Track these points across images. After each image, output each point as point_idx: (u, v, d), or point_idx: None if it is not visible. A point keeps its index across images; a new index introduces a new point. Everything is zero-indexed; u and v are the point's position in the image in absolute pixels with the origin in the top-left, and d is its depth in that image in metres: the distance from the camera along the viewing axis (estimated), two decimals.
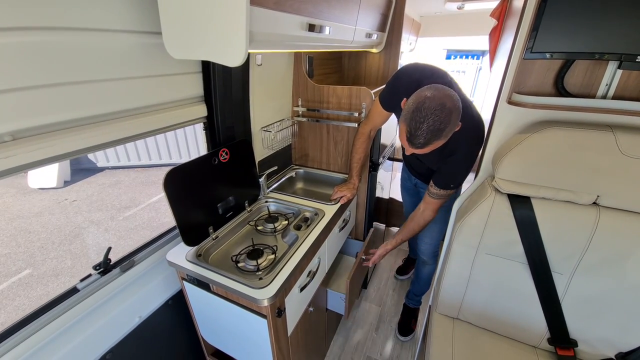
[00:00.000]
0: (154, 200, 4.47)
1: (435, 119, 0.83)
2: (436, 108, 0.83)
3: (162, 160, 5.60)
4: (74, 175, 5.08)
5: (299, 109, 1.64)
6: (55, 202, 4.34)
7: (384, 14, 1.66)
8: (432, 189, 1.17)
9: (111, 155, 5.40)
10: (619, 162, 0.79)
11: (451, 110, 0.84)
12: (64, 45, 0.70)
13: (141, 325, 1.09)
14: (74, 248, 3.43)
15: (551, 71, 0.89)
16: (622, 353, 0.94)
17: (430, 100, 0.84)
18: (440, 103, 0.83)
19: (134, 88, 0.88)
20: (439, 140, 0.87)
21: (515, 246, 0.96)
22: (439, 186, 1.14)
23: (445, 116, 0.83)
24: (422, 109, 0.84)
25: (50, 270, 3.07)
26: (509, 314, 1.06)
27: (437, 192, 1.16)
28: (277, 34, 0.83)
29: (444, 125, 0.84)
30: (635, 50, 0.70)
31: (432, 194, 1.18)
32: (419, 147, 0.89)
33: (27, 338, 0.78)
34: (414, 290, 1.81)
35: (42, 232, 3.66)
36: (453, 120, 0.85)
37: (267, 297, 0.89)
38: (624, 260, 0.85)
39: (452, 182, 1.13)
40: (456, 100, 0.86)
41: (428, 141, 0.86)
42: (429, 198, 1.20)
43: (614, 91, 0.84)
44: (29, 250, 3.35)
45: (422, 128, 0.84)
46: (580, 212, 0.87)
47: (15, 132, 0.67)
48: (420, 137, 0.86)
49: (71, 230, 3.73)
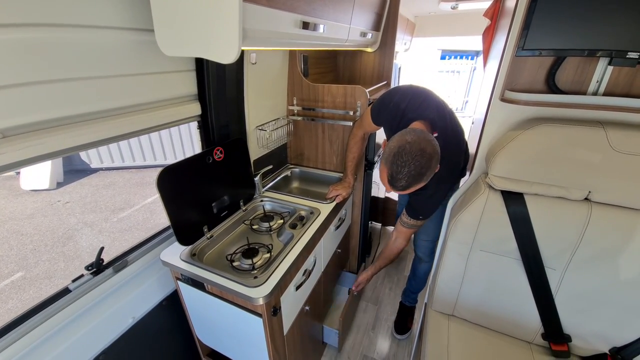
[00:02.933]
0: (148, 202, 4.43)
1: (417, 164, 0.86)
2: (416, 154, 0.86)
3: (157, 161, 5.55)
4: (66, 177, 5.01)
5: (294, 108, 1.64)
6: (48, 204, 4.29)
7: (378, 13, 1.67)
8: (403, 218, 1.24)
9: (105, 156, 5.35)
10: (610, 158, 0.80)
11: (431, 155, 0.87)
12: (55, 42, 0.69)
13: (135, 326, 1.08)
14: (67, 250, 3.38)
15: (543, 68, 0.90)
16: (616, 348, 0.95)
17: (410, 145, 0.87)
18: (420, 149, 0.86)
19: (127, 86, 0.87)
20: (420, 183, 0.90)
21: (509, 242, 0.97)
22: (410, 215, 1.21)
23: (425, 162, 0.86)
24: (403, 154, 0.87)
25: (43, 273, 3.03)
26: (503, 310, 1.06)
27: (408, 221, 1.22)
28: (270, 31, 0.83)
29: (424, 169, 0.87)
30: (625, 47, 0.71)
31: (404, 223, 1.24)
32: (400, 189, 0.92)
33: (18, 339, 0.77)
34: (410, 288, 1.81)
35: (34, 234, 3.61)
36: (433, 166, 0.89)
37: (262, 296, 0.88)
38: (616, 255, 0.86)
39: (422, 214, 1.19)
40: (435, 145, 0.89)
41: (409, 184, 0.89)
42: (400, 227, 1.26)
43: (605, 88, 0.85)
44: (22, 252, 3.30)
45: (403, 172, 0.87)
46: (572, 207, 0.88)
47: (5, 129, 0.66)
48: (402, 180, 0.88)
49: (64, 232, 3.68)
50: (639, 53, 0.70)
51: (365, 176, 1.67)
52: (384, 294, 2.12)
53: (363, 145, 1.46)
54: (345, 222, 1.67)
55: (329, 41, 1.23)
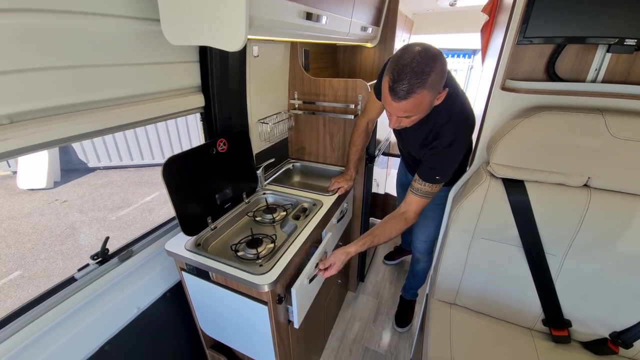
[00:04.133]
0: (147, 200, 4.41)
1: (420, 61, 0.78)
2: (420, 52, 0.80)
3: (155, 159, 5.54)
4: (64, 176, 4.98)
5: (295, 102, 1.65)
6: (46, 203, 4.26)
7: (378, 8, 1.69)
8: (415, 184, 1.08)
9: (102, 155, 5.32)
10: (609, 144, 0.82)
11: (436, 55, 0.80)
12: (62, 28, 0.70)
13: (140, 317, 1.08)
14: (65, 249, 3.37)
15: (543, 57, 0.92)
16: (616, 332, 0.96)
17: (413, 46, 0.82)
18: (424, 47, 0.81)
19: (132, 75, 0.88)
20: (424, 89, 0.81)
21: (510, 230, 0.98)
22: (423, 178, 1.06)
23: (429, 59, 0.79)
24: (405, 55, 0.80)
25: (42, 271, 3.01)
26: (505, 297, 1.08)
27: (421, 186, 1.07)
28: (275, 20, 0.84)
29: (428, 68, 0.79)
30: (623, 34, 0.73)
31: (416, 190, 1.08)
32: (402, 96, 0.82)
33: (24, 326, 0.77)
34: (409, 285, 1.83)
35: (32, 233, 3.59)
36: (438, 68, 0.80)
37: (267, 283, 0.89)
38: (615, 240, 0.88)
39: (438, 173, 1.03)
40: (442, 54, 0.82)
41: (412, 87, 0.80)
42: (411, 196, 1.09)
43: (603, 75, 0.87)
44: (20, 251, 3.28)
45: (405, 72, 0.79)
46: (572, 194, 0.89)
47: (13, 115, 0.67)
48: (404, 81, 0.80)
49: (62, 231, 3.66)
50: (636, 40, 0.72)
51: (366, 170, 1.69)
52: (384, 288, 2.14)
53: (366, 138, 1.47)
54: (346, 215, 1.68)
55: (330, 34, 1.24)
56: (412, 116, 0.91)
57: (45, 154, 4.61)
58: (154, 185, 4.91)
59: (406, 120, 0.94)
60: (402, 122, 0.96)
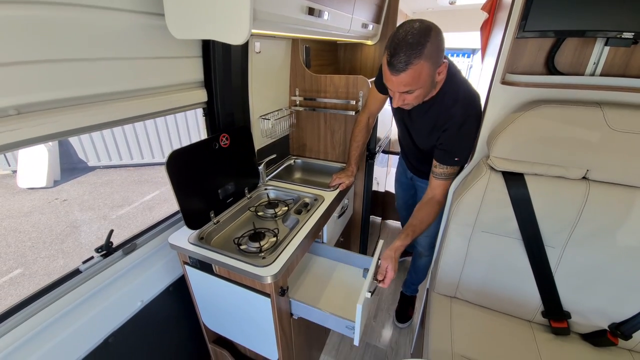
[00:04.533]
0: (147, 199, 4.42)
1: (415, 33, 0.82)
2: (414, 26, 0.84)
3: (155, 159, 5.55)
4: (64, 175, 4.99)
5: (296, 99, 1.66)
6: (46, 202, 4.26)
7: (379, 5, 1.70)
8: (436, 169, 1.12)
9: (102, 154, 5.33)
10: (607, 136, 0.83)
11: (430, 26, 0.84)
12: (69, 21, 0.71)
13: (143, 310, 1.09)
14: (65, 247, 3.37)
15: (542, 51, 0.93)
16: (615, 323, 0.97)
17: (408, 22, 0.86)
18: (419, 21, 0.85)
19: (136, 69, 0.89)
20: (421, 59, 0.83)
21: (510, 222, 0.99)
22: (443, 162, 1.09)
23: (424, 30, 0.82)
24: (401, 30, 0.84)
25: (42, 270, 3.02)
26: (505, 289, 1.09)
27: (443, 170, 1.10)
28: (278, 14, 0.85)
29: (423, 39, 0.82)
30: (620, 27, 0.74)
31: (438, 175, 1.12)
32: (400, 68, 0.85)
33: (31, 317, 0.78)
34: (410, 280, 1.83)
35: (32, 232, 3.59)
36: (434, 38, 0.83)
37: (270, 274, 0.90)
38: (613, 232, 0.89)
39: (456, 154, 1.07)
40: (437, 27, 0.85)
41: (409, 58, 0.83)
42: (435, 181, 1.14)
43: (602, 69, 0.88)
44: (20, 249, 3.28)
45: (401, 45, 0.82)
46: (570, 186, 0.91)
47: (20, 106, 0.67)
48: (400, 54, 0.83)
49: (62, 230, 3.67)
50: (633, 33, 0.73)
51: (367, 167, 1.70)
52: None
53: (367, 134, 1.48)
54: (347, 211, 1.70)
55: (332, 30, 1.25)
56: (413, 90, 0.92)
57: (45, 153, 4.62)
58: (154, 184, 4.92)
59: (409, 96, 0.94)
60: (405, 100, 0.96)
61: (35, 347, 0.80)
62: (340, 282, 1.25)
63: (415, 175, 1.51)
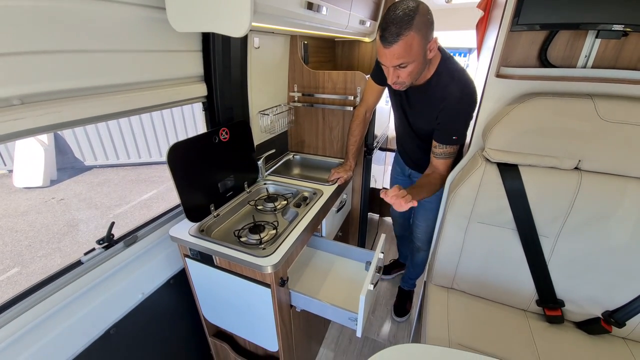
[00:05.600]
0: (144, 198, 4.41)
1: (403, 8, 0.88)
2: (402, 3, 0.89)
3: (152, 157, 5.53)
4: (60, 174, 4.96)
5: (294, 94, 1.67)
6: (42, 201, 4.24)
7: (376, 2, 1.72)
8: (436, 150, 1.15)
9: (99, 153, 5.30)
10: (599, 127, 0.85)
11: (418, 3, 0.89)
12: (72, 12, 0.72)
13: (144, 302, 1.10)
14: (63, 246, 3.36)
15: (535, 45, 0.95)
16: (609, 311, 1.00)
17: (398, 1, 0.91)
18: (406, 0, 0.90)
19: (137, 61, 0.90)
20: (410, 29, 0.88)
21: (505, 213, 1.01)
22: (441, 142, 1.13)
23: (411, 5, 0.88)
24: (391, 9, 0.90)
25: (40, 269, 3.01)
26: (500, 279, 1.11)
27: (443, 150, 1.14)
28: (278, 7, 0.86)
29: (411, 12, 0.87)
30: (611, 20, 0.77)
31: (438, 155, 1.15)
32: (391, 40, 0.89)
33: (32, 307, 0.79)
34: (408, 275, 1.85)
35: (29, 231, 3.57)
36: (422, 10, 0.89)
37: (271, 264, 0.92)
38: (605, 220, 0.91)
39: (454, 133, 1.10)
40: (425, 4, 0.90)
41: (400, 29, 0.87)
42: (435, 160, 1.17)
43: (593, 61, 0.91)
44: (17, 249, 3.26)
45: (390, 20, 0.88)
46: (563, 176, 0.93)
47: (24, 96, 0.68)
48: (391, 27, 0.88)
49: (59, 229, 3.65)
50: (623, 25, 0.76)
51: (364, 162, 1.72)
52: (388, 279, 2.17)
53: (364, 128, 1.49)
54: (346, 206, 1.71)
55: (330, 25, 1.27)
56: (406, 64, 0.95)
57: (42, 152, 4.59)
58: (152, 183, 4.91)
59: (403, 72, 0.97)
60: (400, 76, 0.99)
61: (38, 336, 0.81)
62: (340, 275, 1.27)
63: (415, 171, 1.50)
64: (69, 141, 5.22)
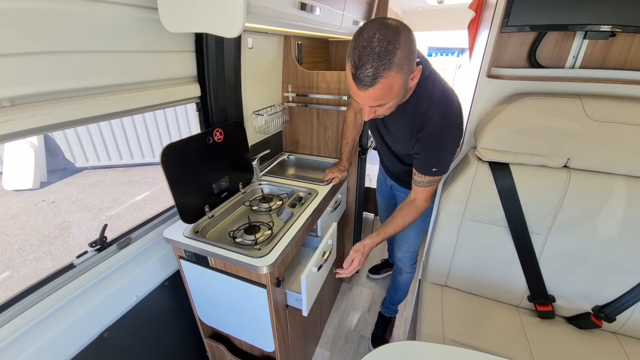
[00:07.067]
0: (137, 199, 4.36)
1: (381, 38, 0.69)
2: (379, 27, 0.70)
3: (145, 159, 5.47)
4: (50, 176, 4.87)
5: (289, 95, 1.67)
6: (33, 204, 4.16)
7: (369, 3, 1.73)
8: (416, 177, 1.04)
9: (91, 154, 5.22)
10: (586, 126, 0.88)
11: (398, 28, 0.70)
12: (62, 13, 0.71)
13: (138, 305, 1.09)
14: (54, 249, 3.30)
15: (525, 46, 0.97)
16: (599, 306, 1.02)
17: (372, 22, 0.73)
18: (382, 23, 0.71)
19: (130, 62, 0.89)
20: (391, 70, 0.71)
21: (497, 211, 1.03)
22: (421, 172, 1.00)
23: (392, 34, 0.69)
24: (364, 32, 0.71)
25: (31, 272, 2.95)
26: (492, 276, 1.13)
27: (422, 179, 1.01)
28: (271, 8, 0.87)
29: (392, 46, 0.69)
30: (599, 21, 0.79)
31: (417, 182, 1.04)
32: (367, 82, 0.73)
33: (24, 311, 0.78)
34: (390, 300, 1.69)
35: (19, 234, 3.50)
36: (404, 42, 0.70)
37: (266, 265, 0.92)
38: (594, 217, 0.94)
39: (435, 165, 0.96)
40: (405, 25, 0.73)
41: (377, 71, 0.70)
42: (416, 187, 1.06)
43: (581, 62, 0.93)
44: (7, 252, 3.20)
45: (365, 55, 0.70)
46: (553, 175, 0.95)
47: (14, 97, 0.67)
48: (367, 65, 0.70)
49: (50, 232, 3.59)
50: (610, 26, 0.78)
51: (359, 162, 1.73)
52: (378, 279, 2.19)
53: (356, 131, 1.50)
54: (340, 206, 1.72)
55: (323, 26, 1.27)
56: (385, 103, 0.81)
57: (31, 154, 4.50)
58: (145, 184, 4.85)
59: (380, 109, 0.84)
60: (377, 112, 0.86)
61: (30, 341, 0.79)
62: None
63: (395, 183, 1.40)
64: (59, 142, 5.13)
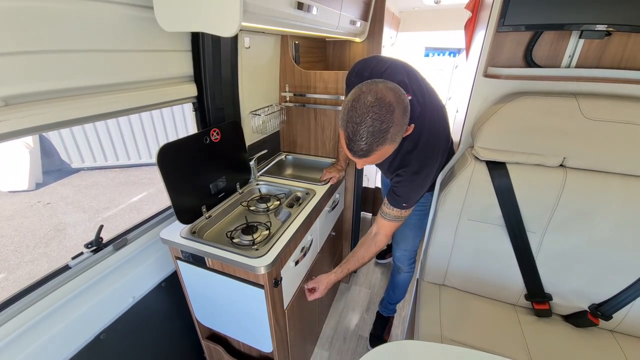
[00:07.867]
0: (134, 200, 4.33)
1: (374, 117, 0.70)
2: (373, 104, 0.70)
3: (142, 159, 5.44)
4: (46, 177, 4.83)
5: (286, 94, 1.67)
6: (28, 205, 4.12)
7: (366, 3, 1.73)
8: (384, 208, 1.05)
9: (87, 155, 5.18)
10: (582, 125, 0.88)
11: (392, 105, 0.71)
12: (56, 11, 0.70)
13: (135, 306, 1.08)
14: (50, 251, 3.27)
15: (521, 45, 0.98)
16: (595, 304, 1.02)
17: (365, 95, 0.72)
18: (378, 97, 0.71)
19: (125, 61, 0.88)
20: (384, 145, 0.73)
21: (494, 210, 1.03)
22: (391, 203, 1.03)
23: (386, 113, 0.70)
24: (358, 107, 0.71)
25: (26, 274, 2.92)
26: (490, 275, 1.13)
27: (391, 211, 1.03)
28: (268, 8, 0.86)
29: (386, 125, 0.70)
30: (594, 20, 0.79)
31: (386, 215, 1.05)
32: (362, 155, 0.75)
33: (19, 313, 0.77)
34: (388, 299, 1.67)
35: (15, 236, 3.47)
36: (397, 119, 0.72)
37: (264, 265, 0.91)
38: (590, 216, 0.94)
39: (404, 201, 0.99)
40: (399, 93, 0.73)
41: (371, 147, 0.73)
42: (381, 220, 1.07)
43: (576, 61, 0.94)
44: (2, 254, 3.16)
45: (360, 131, 0.71)
46: (549, 174, 0.95)
47: (7, 97, 0.67)
48: (361, 141, 0.72)
49: (46, 233, 3.55)
50: (606, 25, 0.78)
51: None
52: (376, 278, 2.19)
53: None
54: (338, 205, 1.72)
55: (320, 25, 1.27)
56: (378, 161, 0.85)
57: (26, 155, 4.46)
58: (142, 185, 4.82)
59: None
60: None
61: (25, 344, 0.79)
62: None
63: None
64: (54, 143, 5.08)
